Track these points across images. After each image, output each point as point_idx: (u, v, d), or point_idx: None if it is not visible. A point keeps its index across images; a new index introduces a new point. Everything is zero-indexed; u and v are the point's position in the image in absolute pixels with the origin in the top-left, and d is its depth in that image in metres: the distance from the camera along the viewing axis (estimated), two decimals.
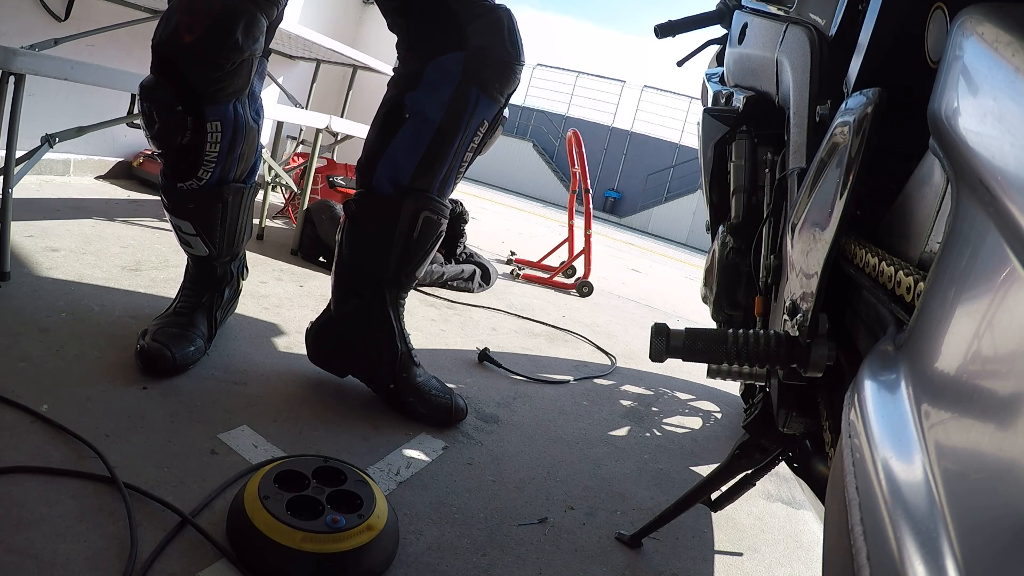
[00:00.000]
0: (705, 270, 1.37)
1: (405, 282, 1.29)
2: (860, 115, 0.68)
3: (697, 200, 14.84)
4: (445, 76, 1.17)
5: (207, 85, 1.16)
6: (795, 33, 1.05)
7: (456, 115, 1.18)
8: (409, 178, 1.21)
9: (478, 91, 1.18)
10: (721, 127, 1.28)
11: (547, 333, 2.34)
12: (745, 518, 1.29)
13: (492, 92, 1.20)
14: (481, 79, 1.17)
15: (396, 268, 1.26)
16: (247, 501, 0.83)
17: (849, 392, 0.48)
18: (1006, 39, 0.41)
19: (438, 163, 1.21)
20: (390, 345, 1.29)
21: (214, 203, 1.29)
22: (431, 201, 1.23)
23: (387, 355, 1.28)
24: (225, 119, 1.21)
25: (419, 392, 1.30)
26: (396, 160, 1.21)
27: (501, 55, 1.18)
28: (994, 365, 0.32)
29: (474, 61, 1.16)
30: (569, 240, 3.57)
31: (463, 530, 0.99)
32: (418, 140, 1.19)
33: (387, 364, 1.28)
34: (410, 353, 1.31)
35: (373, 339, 1.28)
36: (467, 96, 1.18)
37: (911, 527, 0.31)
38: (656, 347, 0.80)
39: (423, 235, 1.25)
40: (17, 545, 0.71)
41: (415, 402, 1.29)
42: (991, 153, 0.38)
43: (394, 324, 1.29)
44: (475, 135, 1.22)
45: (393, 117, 1.20)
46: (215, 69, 1.15)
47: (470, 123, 1.20)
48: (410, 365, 1.30)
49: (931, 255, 0.55)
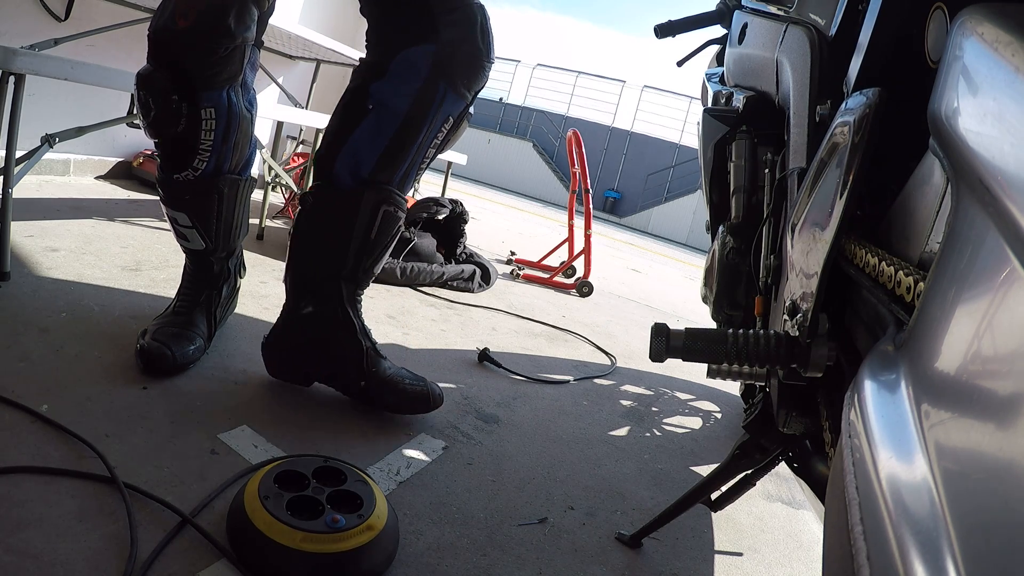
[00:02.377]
0: (705, 270, 1.37)
1: (363, 278, 1.26)
2: (860, 115, 0.68)
3: (697, 200, 14.84)
4: (413, 68, 1.15)
5: (201, 70, 1.17)
6: (795, 33, 1.05)
7: (422, 109, 1.16)
8: (370, 171, 1.19)
9: (446, 86, 1.16)
10: (721, 127, 1.28)
11: (547, 333, 2.34)
12: (745, 518, 1.29)
13: (460, 88, 1.17)
14: (449, 74, 1.15)
15: (355, 263, 1.23)
16: (247, 501, 0.83)
17: (849, 392, 0.48)
18: (1006, 39, 0.41)
19: (401, 157, 1.19)
20: (354, 343, 1.25)
21: (210, 194, 1.29)
22: (392, 195, 1.21)
23: (353, 353, 1.24)
24: (219, 106, 1.21)
25: (392, 384, 1.26)
26: (357, 152, 1.18)
27: (472, 51, 1.16)
28: (994, 365, 0.32)
29: (444, 55, 1.14)
30: (569, 240, 3.57)
31: (463, 530, 0.99)
32: (381, 132, 1.17)
33: (354, 362, 1.24)
34: (375, 348, 1.28)
35: (335, 339, 1.24)
36: (434, 90, 1.16)
37: (911, 527, 0.31)
38: (656, 347, 0.80)
39: (383, 229, 1.22)
40: (17, 545, 0.71)
41: (389, 395, 1.26)
42: (991, 153, 0.38)
43: (354, 320, 1.25)
44: (440, 131, 1.20)
45: (356, 107, 1.18)
46: (209, 54, 1.17)
47: (435, 118, 1.18)
48: (377, 359, 1.27)
49: (931, 255, 0.55)
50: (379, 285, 2.34)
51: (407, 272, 2.43)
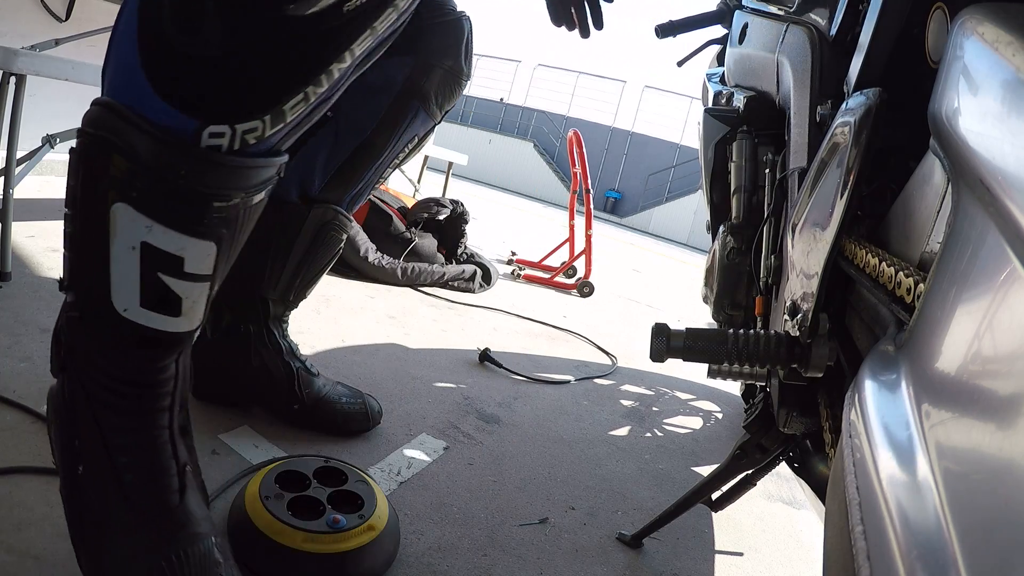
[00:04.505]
0: (706, 270, 1.37)
1: (294, 301, 1.13)
2: (860, 115, 0.68)
3: (698, 200, 14.83)
4: (386, 82, 1.03)
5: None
6: (795, 33, 1.05)
7: (389, 128, 1.05)
8: (320, 188, 1.06)
9: (419, 105, 1.05)
10: (722, 127, 1.28)
11: (548, 333, 2.34)
12: (746, 518, 1.29)
13: (432, 108, 1.07)
14: (424, 91, 1.05)
15: (287, 285, 1.10)
16: (248, 501, 0.83)
17: (849, 392, 0.48)
18: (1006, 39, 0.41)
19: (356, 177, 1.08)
20: (282, 364, 1.12)
21: (258, 195, 0.66)
22: (338, 216, 1.09)
23: (281, 376, 1.11)
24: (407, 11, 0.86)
25: (328, 405, 1.15)
26: (308, 166, 1.05)
27: (453, 67, 1.06)
28: (994, 365, 0.32)
29: (421, 70, 1.04)
30: (570, 240, 3.57)
31: (464, 530, 0.99)
32: (339, 148, 1.05)
33: (284, 385, 1.11)
34: (306, 366, 1.14)
35: (260, 362, 1.10)
36: (406, 109, 1.05)
37: (911, 527, 0.31)
38: (656, 347, 0.80)
39: (324, 253, 1.11)
40: (17, 545, 0.71)
41: (326, 417, 1.15)
42: (991, 153, 0.38)
43: (280, 342, 1.12)
44: (402, 151, 1.09)
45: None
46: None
47: (401, 138, 1.07)
48: (310, 379, 1.14)
49: (931, 255, 0.55)
50: (380, 285, 2.35)
51: (408, 272, 2.43)
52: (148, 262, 0.54)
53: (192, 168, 0.51)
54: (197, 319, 0.61)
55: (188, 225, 0.53)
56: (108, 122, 0.50)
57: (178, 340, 0.60)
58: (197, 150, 0.50)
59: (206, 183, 0.52)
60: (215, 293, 0.64)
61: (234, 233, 0.58)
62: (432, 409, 1.40)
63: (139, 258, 0.53)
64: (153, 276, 0.54)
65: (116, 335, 0.57)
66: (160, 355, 0.60)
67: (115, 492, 0.58)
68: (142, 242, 0.53)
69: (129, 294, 0.54)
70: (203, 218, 0.54)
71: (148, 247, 0.53)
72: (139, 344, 0.58)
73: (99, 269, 0.54)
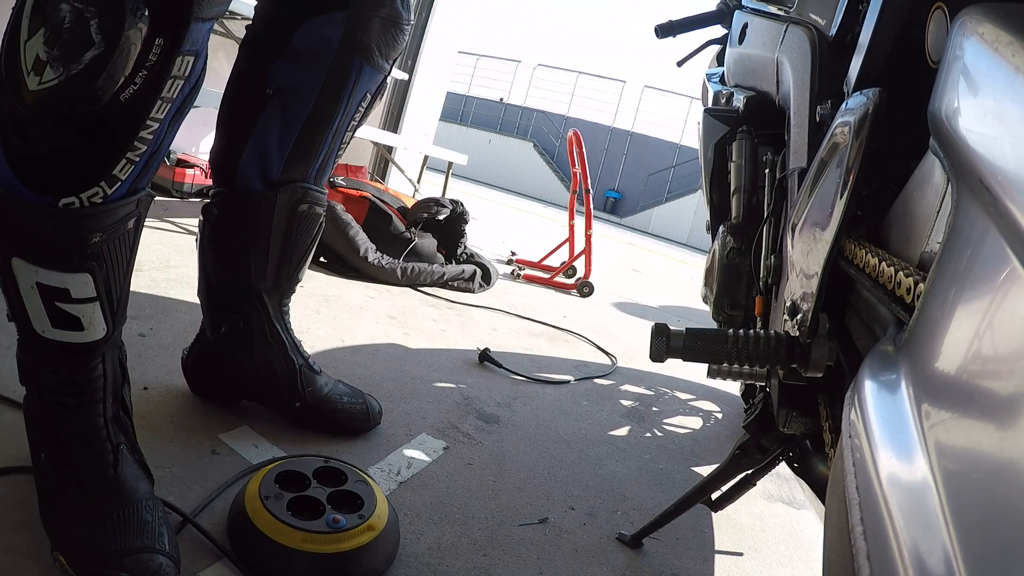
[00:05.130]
0: (705, 270, 1.37)
1: (287, 287, 1.12)
2: (860, 115, 0.68)
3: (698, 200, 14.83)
4: (320, 43, 0.96)
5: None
6: (795, 33, 1.05)
7: (334, 91, 0.99)
8: (280, 171, 1.02)
9: (361, 60, 0.99)
10: (721, 127, 1.28)
11: (548, 333, 2.34)
12: (745, 518, 1.29)
13: (376, 60, 1.00)
14: (365, 45, 0.98)
15: (275, 274, 1.08)
16: (248, 501, 0.83)
17: (849, 392, 0.48)
18: (1006, 39, 0.41)
19: (314, 149, 1.03)
20: (285, 361, 1.10)
21: (125, 231, 0.73)
22: (308, 192, 1.06)
23: (284, 373, 1.10)
24: (201, 50, 0.70)
25: (330, 404, 1.14)
26: (263, 150, 1.00)
27: (391, 13, 0.99)
28: (994, 365, 0.32)
29: (357, 23, 0.96)
30: (570, 240, 3.57)
31: (464, 530, 0.99)
32: (289, 125, 0.99)
33: (286, 382, 1.10)
34: (308, 363, 1.13)
35: (263, 358, 1.09)
36: (348, 68, 0.98)
37: (911, 527, 0.31)
38: (656, 347, 0.80)
39: (303, 231, 1.08)
40: (17, 545, 0.71)
41: (327, 416, 1.14)
42: (991, 153, 0.38)
43: (283, 337, 1.11)
44: (357, 110, 1.04)
45: (252, 96, 0.98)
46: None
47: (351, 99, 1.01)
48: (312, 376, 1.13)
49: (931, 255, 0.55)
50: (380, 285, 2.35)
51: (407, 272, 2.43)
52: (45, 296, 0.70)
53: (55, 225, 0.67)
54: (100, 329, 0.75)
55: (62, 264, 0.69)
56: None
57: (94, 347, 0.75)
58: (56, 211, 0.66)
59: (68, 233, 0.68)
60: (126, 295, 0.79)
61: (107, 262, 0.72)
62: (432, 409, 1.40)
63: (38, 294, 0.70)
64: (52, 304, 0.71)
65: (46, 350, 0.74)
66: (84, 360, 0.76)
67: (64, 471, 0.74)
68: (36, 282, 0.69)
69: (42, 320, 0.71)
70: (72, 257, 0.69)
71: (41, 285, 0.69)
72: (64, 354, 0.74)
73: (19, 305, 0.71)
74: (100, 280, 0.72)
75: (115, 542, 0.70)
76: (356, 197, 2.59)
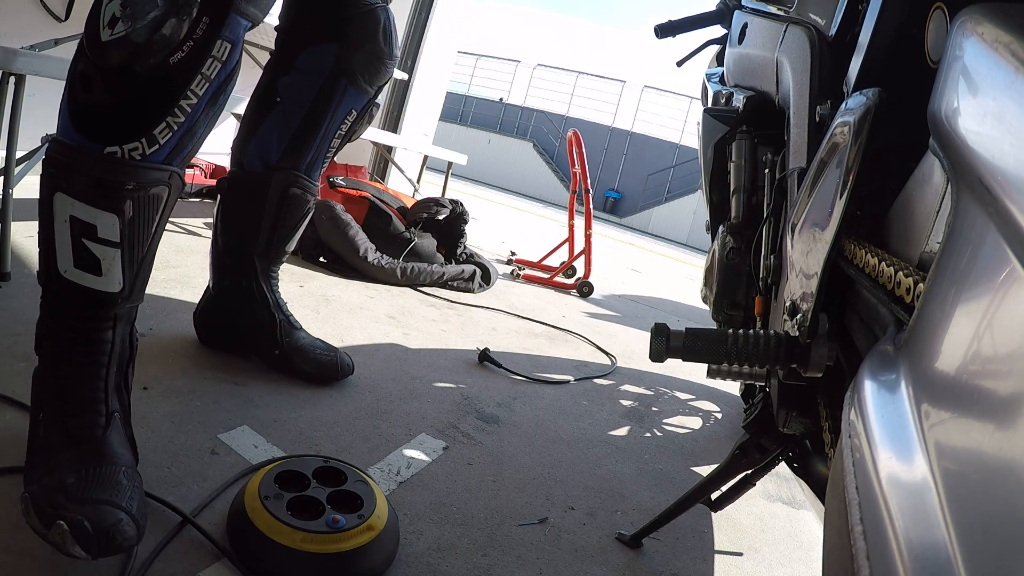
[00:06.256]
0: (705, 270, 1.37)
1: (275, 255, 1.35)
2: (860, 115, 0.68)
3: (697, 200, 14.83)
4: (317, 65, 1.25)
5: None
6: (795, 33, 1.05)
7: (324, 103, 1.27)
8: (278, 158, 1.29)
9: (347, 82, 1.26)
10: (721, 127, 1.28)
11: (547, 333, 2.34)
12: (745, 518, 1.29)
13: (361, 84, 1.28)
14: (350, 71, 1.26)
15: (266, 241, 1.33)
16: (247, 501, 0.83)
17: (849, 392, 0.48)
18: (1006, 39, 0.41)
19: (306, 146, 1.30)
20: (268, 315, 1.34)
21: (158, 194, 0.82)
22: (299, 178, 1.31)
23: (267, 323, 1.34)
24: (236, 44, 0.82)
25: (304, 353, 1.35)
26: (266, 141, 1.29)
27: (374, 50, 1.26)
28: (994, 365, 0.32)
29: (346, 54, 1.25)
30: (569, 240, 3.57)
31: (463, 530, 0.99)
32: (287, 124, 1.28)
33: (268, 331, 1.34)
34: (289, 320, 1.37)
35: (251, 311, 1.34)
36: (335, 87, 1.26)
37: (911, 527, 0.31)
38: (656, 347, 0.80)
39: (291, 210, 1.33)
40: (17, 545, 0.71)
41: (301, 363, 1.34)
42: (991, 153, 0.38)
43: (268, 295, 1.35)
44: (343, 122, 1.31)
45: (265, 101, 1.29)
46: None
47: (337, 111, 1.28)
48: (291, 330, 1.36)
49: (931, 255, 0.55)
50: (379, 285, 2.35)
51: (407, 272, 2.43)
52: (74, 230, 0.78)
53: (98, 167, 0.77)
54: (116, 282, 0.82)
55: (95, 200, 0.78)
56: (53, 146, 0.79)
57: (109, 300, 0.82)
58: (100, 156, 0.77)
59: (107, 174, 0.78)
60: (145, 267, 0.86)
61: (135, 214, 0.80)
62: (431, 409, 1.40)
63: (69, 228, 0.78)
64: (79, 241, 0.79)
65: (65, 295, 0.81)
66: (97, 314, 0.82)
67: (59, 427, 0.79)
68: (70, 215, 0.77)
69: (66, 258, 0.79)
70: (106, 195, 0.78)
71: (74, 219, 0.78)
72: (80, 303, 0.81)
73: (50, 242, 0.79)
74: (124, 228, 0.80)
75: (82, 491, 0.72)
76: (356, 197, 2.59)
